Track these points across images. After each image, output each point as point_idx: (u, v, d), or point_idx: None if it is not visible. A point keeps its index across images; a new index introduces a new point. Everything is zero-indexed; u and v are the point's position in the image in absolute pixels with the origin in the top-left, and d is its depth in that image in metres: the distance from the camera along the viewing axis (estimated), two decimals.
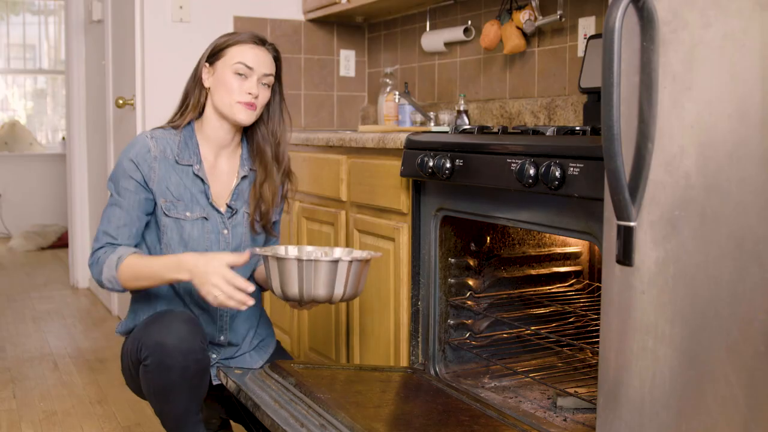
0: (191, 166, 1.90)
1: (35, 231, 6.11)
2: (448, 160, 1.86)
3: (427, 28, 3.20)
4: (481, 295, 2.11)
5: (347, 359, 2.47)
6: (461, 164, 1.84)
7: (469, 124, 2.63)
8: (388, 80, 3.31)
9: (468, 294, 2.10)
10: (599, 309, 1.48)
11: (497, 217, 1.80)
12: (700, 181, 1.06)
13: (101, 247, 1.85)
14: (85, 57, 4.50)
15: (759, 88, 0.98)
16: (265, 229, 1.99)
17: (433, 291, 2.06)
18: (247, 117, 1.88)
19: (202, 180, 1.90)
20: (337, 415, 1.58)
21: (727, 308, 1.03)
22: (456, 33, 2.97)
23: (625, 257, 1.17)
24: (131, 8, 3.32)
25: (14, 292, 4.50)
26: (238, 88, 1.86)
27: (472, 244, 2.09)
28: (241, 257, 1.74)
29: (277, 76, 1.95)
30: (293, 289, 1.72)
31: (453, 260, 2.07)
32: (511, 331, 2.13)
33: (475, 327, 2.11)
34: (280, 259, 1.72)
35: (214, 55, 1.92)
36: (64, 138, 6.53)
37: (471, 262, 2.09)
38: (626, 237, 1.17)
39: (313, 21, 3.53)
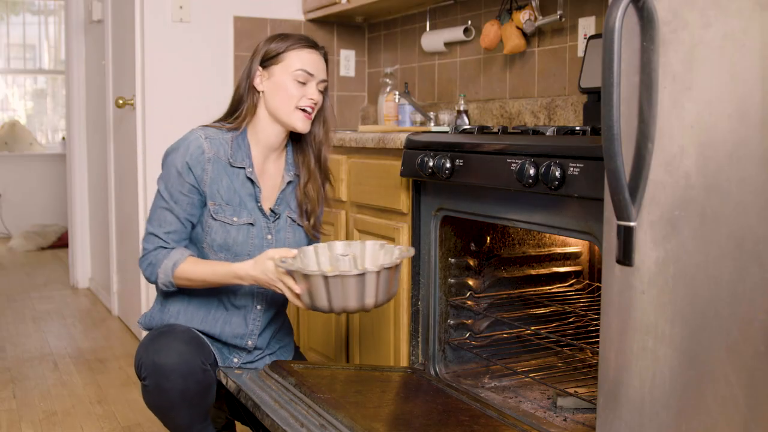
0: (244, 168, 1.88)
1: (35, 231, 6.11)
2: (448, 160, 1.86)
3: (427, 28, 3.20)
4: (481, 295, 2.11)
5: (347, 359, 2.47)
6: (461, 164, 1.84)
7: (469, 124, 2.63)
8: (388, 80, 3.31)
9: (468, 294, 2.10)
10: (599, 309, 1.48)
11: (497, 217, 1.80)
12: (700, 181, 1.06)
13: (153, 250, 1.83)
14: (85, 57, 4.50)
15: (759, 88, 0.98)
16: (314, 228, 1.98)
17: (433, 291, 2.06)
18: (304, 125, 1.87)
19: (253, 183, 1.89)
20: (337, 415, 1.58)
21: (727, 308, 1.03)
22: (456, 33, 2.97)
23: (625, 257, 1.17)
24: (131, 8, 3.32)
25: (14, 292, 4.50)
26: (299, 95, 1.85)
27: (472, 244, 2.09)
28: (290, 252, 1.75)
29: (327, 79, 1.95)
30: (322, 303, 1.68)
31: (453, 260, 2.07)
32: (511, 331, 2.13)
33: (475, 327, 2.11)
34: (306, 276, 1.66)
35: (268, 59, 1.88)
36: (64, 138, 6.53)
37: (471, 262, 2.09)
38: (626, 237, 1.17)
39: (313, 21, 3.53)
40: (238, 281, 1.78)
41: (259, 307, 1.93)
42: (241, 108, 1.90)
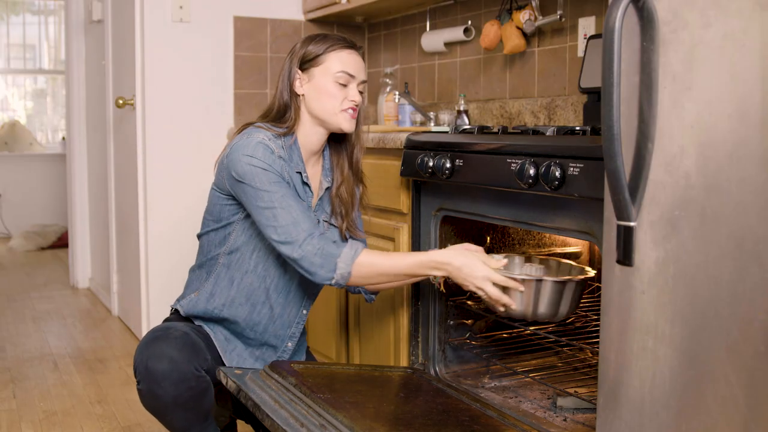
0: (300, 173, 1.87)
1: (35, 231, 6.11)
2: (448, 160, 1.86)
3: (427, 28, 3.20)
4: None
5: (347, 359, 2.47)
6: (461, 164, 1.84)
7: (469, 124, 2.63)
8: (388, 80, 3.30)
9: (468, 294, 2.10)
10: (599, 309, 1.48)
11: (497, 217, 1.80)
12: (700, 181, 1.06)
13: (307, 237, 1.72)
14: (85, 57, 4.50)
15: (759, 88, 0.98)
16: (348, 230, 1.96)
17: (433, 291, 2.06)
18: (350, 125, 1.86)
19: (308, 187, 1.88)
20: (336, 415, 1.58)
21: (727, 308, 1.03)
22: (456, 33, 2.97)
23: (625, 257, 1.17)
24: (131, 8, 3.32)
25: (14, 292, 4.50)
26: (342, 96, 1.84)
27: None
28: (502, 279, 1.70)
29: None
30: (543, 309, 1.75)
31: None
32: (511, 331, 2.13)
33: (475, 327, 2.11)
34: (539, 281, 1.73)
35: (307, 61, 1.86)
36: (64, 138, 6.53)
37: None
38: (626, 237, 1.17)
39: (313, 21, 3.53)
40: (433, 271, 1.72)
41: (305, 311, 1.94)
42: (288, 113, 1.87)
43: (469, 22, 2.95)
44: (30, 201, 6.54)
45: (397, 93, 3.04)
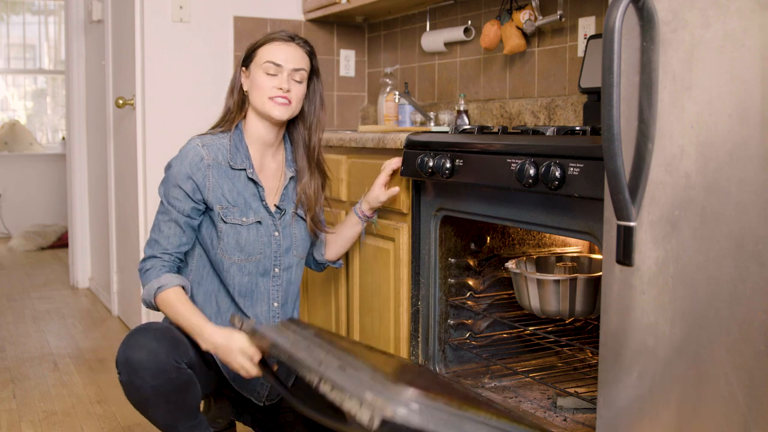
0: (244, 170, 1.92)
1: (35, 231, 6.11)
2: (448, 160, 1.86)
3: (427, 28, 3.20)
4: (481, 295, 2.11)
5: None
6: (461, 164, 1.84)
7: (469, 124, 2.63)
8: (388, 80, 3.31)
9: (468, 294, 2.10)
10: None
11: (497, 217, 1.80)
12: (700, 181, 1.06)
13: (151, 257, 1.88)
14: (85, 57, 4.50)
15: (759, 88, 0.98)
16: (315, 225, 2.04)
17: (433, 291, 2.06)
18: (280, 112, 1.90)
19: (255, 183, 1.93)
20: (357, 358, 1.53)
21: (727, 308, 1.03)
22: (456, 33, 2.97)
23: (625, 257, 1.18)
24: (131, 8, 3.32)
25: (14, 292, 4.50)
26: (269, 86, 1.89)
27: (472, 244, 2.09)
28: (254, 358, 1.74)
29: (314, 71, 1.98)
30: (552, 307, 1.81)
31: (453, 260, 2.07)
32: (511, 331, 2.13)
33: (475, 327, 2.11)
34: (540, 281, 1.80)
35: (247, 58, 1.96)
36: (64, 138, 6.53)
37: (471, 262, 2.09)
38: (626, 237, 1.17)
39: (313, 21, 3.53)
40: (200, 340, 1.79)
41: (276, 304, 1.97)
42: (229, 109, 1.98)
43: (469, 22, 2.95)
44: (30, 201, 6.54)
45: (397, 93, 3.04)
